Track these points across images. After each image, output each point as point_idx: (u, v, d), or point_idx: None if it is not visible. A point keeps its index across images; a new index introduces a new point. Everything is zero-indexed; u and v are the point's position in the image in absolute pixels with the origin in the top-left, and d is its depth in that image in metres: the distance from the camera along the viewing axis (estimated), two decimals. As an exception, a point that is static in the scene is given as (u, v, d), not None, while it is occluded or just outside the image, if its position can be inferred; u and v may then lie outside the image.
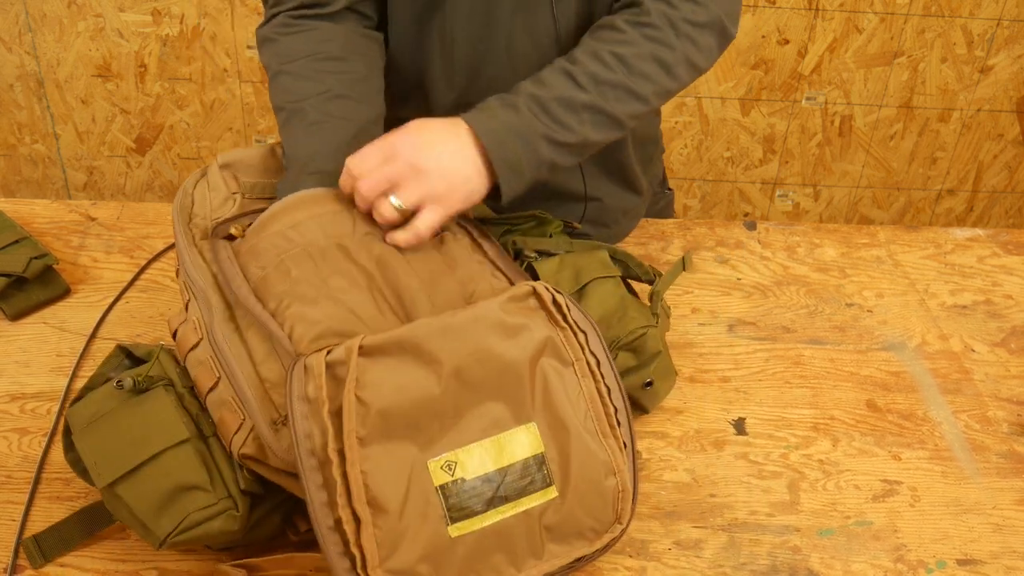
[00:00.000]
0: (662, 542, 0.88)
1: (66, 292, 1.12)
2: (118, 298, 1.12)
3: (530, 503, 0.75)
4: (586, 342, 0.80)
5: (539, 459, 0.76)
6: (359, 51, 1.01)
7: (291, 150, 0.95)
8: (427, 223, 0.86)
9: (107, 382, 0.84)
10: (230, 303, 0.84)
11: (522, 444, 0.76)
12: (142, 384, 0.82)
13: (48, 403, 0.98)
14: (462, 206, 0.88)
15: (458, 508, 0.73)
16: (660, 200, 1.33)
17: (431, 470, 0.73)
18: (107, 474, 0.78)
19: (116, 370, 0.87)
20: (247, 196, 0.94)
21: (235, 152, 0.97)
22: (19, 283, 1.09)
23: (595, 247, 1.03)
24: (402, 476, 0.72)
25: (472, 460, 0.74)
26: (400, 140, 0.86)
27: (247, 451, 0.77)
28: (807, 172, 2.51)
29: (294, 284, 0.80)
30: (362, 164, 0.86)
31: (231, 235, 0.89)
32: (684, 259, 1.12)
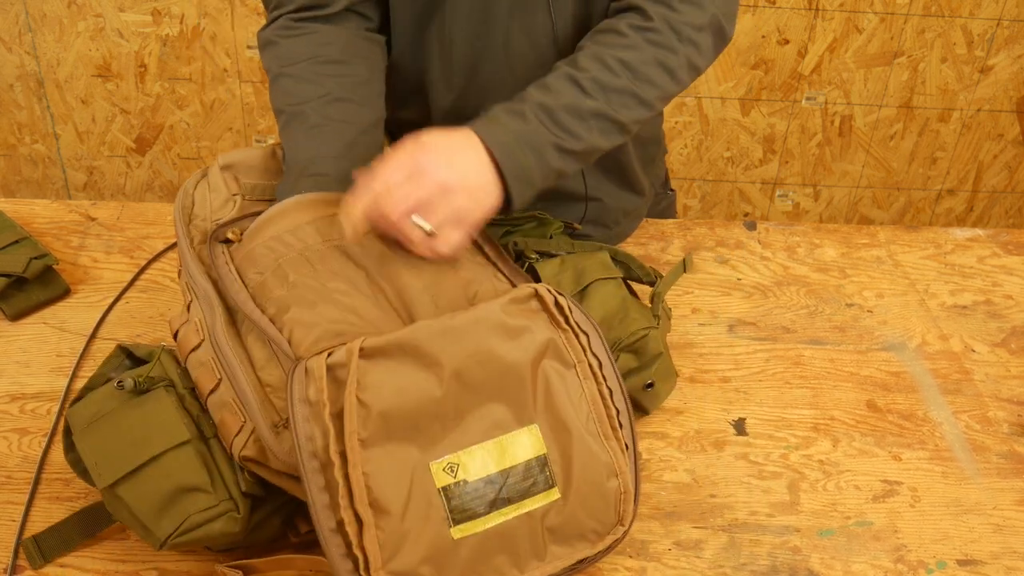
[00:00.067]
0: (662, 542, 0.88)
1: (66, 292, 1.12)
2: (118, 298, 1.12)
3: (532, 505, 0.75)
4: (588, 344, 0.80)
5: (541, 461, 0.76)
6: (360, 54, 1.01)
7: (291, 153, 0.95)
8: (451, 243, 0.83)
9: (108, 382, 0.84)
10: (230, 308, 0.84)
11: (524, 446, 0.76)
12: (143, 385, 0.82)
13: (48, 403, 0.98)
14: (483, 221, 0.86)
15: (460, 510, 0.73)
16: (662, 201, 1.32)
17: (433, 472, 0.73)
18: (108, 475, 0.78)
19: (117, 370, 0.87)
20: (247, 198, 0.94)
21: (236, 153, 0.97)
22: (19, 283, 1.09)
23: (596, 248, 1.03)
24: (404, 478, 0.72)
25: (474, 462, 0.74)
26: (424, 156, 0.82)
27: (248, 453, 0.77)
28: (807, 172, 2.51)
29: (292, 289, 0.80)
30: (386, 181, 0.82)
31: (228, 239, 0.89)
32: (685, 260, 1.12)
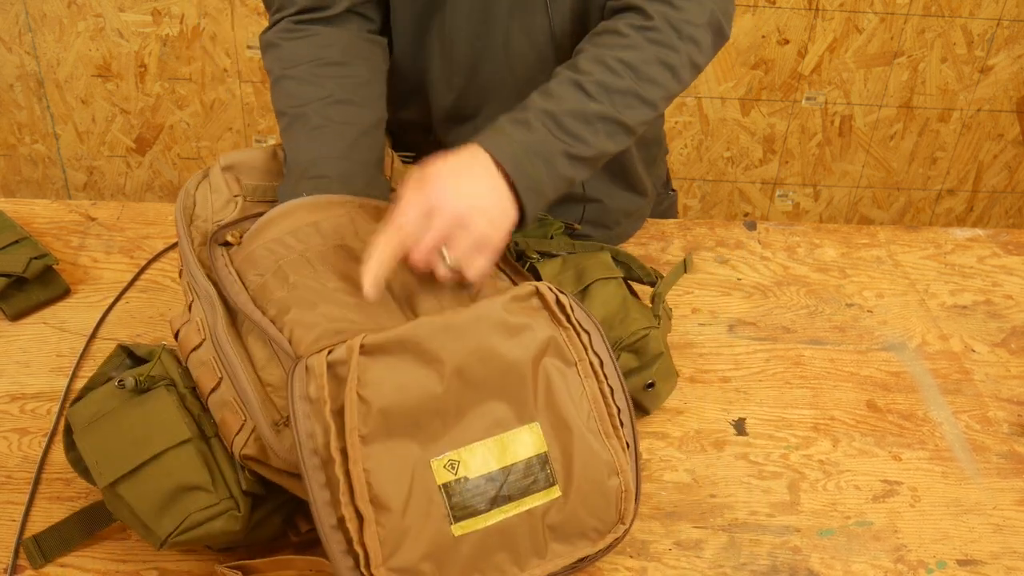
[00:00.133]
0: (662, 542, 0.88)
1: (66, 292, 1.12)
2: (118, 298, 1.12)
3: (533, 502, 0.76)
4: (589, 342, 0.80)
5: (542, 459, 0.76)
6: (361, 55, 1.01)
7: (292, 155, 0.95)
8: (477, 269, 0.83)
9: (108, 381, 0.84)
10: (230, 309, 0.84)
11: (525, 444, 0.76)
12: (144, 384, 0.82)
13: (48, 403, 0.98)
14: (504, 241, 0.85)
15: (461, 507, 0.73)
16: (663, 201, 1.32)
17: (434, 469, 0.73)
18: (108, 473, 0.78)
19: (117, 370, 0.87)
20: (249, 199, 0.94)
21: (237, 153, 0.97)
22: (19, 283, 1.09)
23: (597, 248, 1.03)
24: (404, 474, 0.72)
25: (475, 459, 0.74)
26: (435, 191, 0.80)
27: (249, 452, 0.77)
28: (807, 172, 2.51)
29: (292, 290, 0.80)
30: (402, 227, 0.80)
31: (227, 242, 0.88)
32: (686, 261, 1.12)
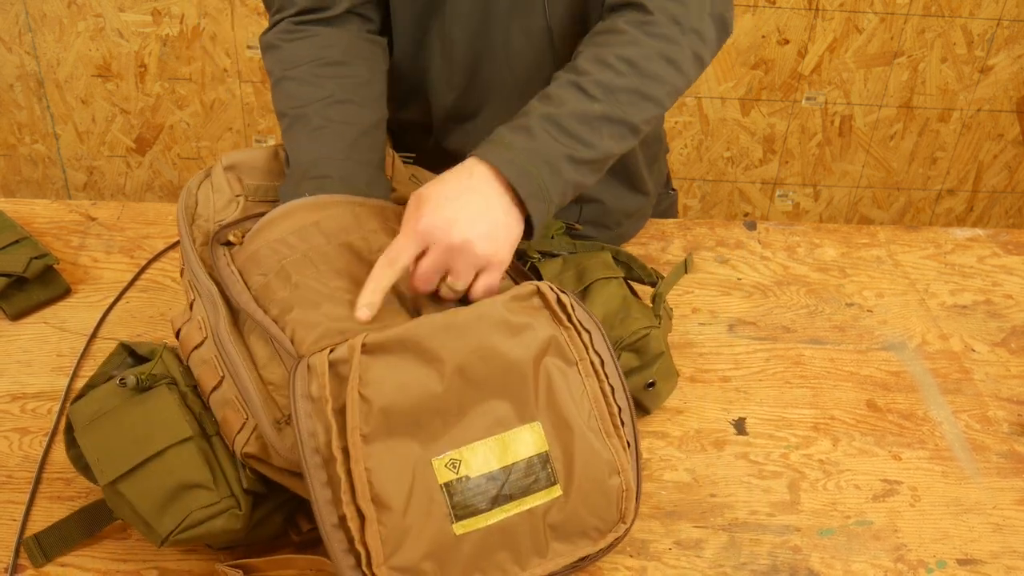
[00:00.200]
0: (662, 542, 0.88)
1: (66, 292, 1.12)
2: (118, 298, 1.12)
3: (534, 502, 0.76)
4: (590, 342, 0.80)
5: (543, 458, 0.76)
6: (361, 56, 1.01)
7: (294, 155, 0.95)
8: (487, 287, 0.82)
9: (110, 380, 0.84)
10: (232, 308, 0.84)
11: (526, 443, 0.76)
12: (145, 382, 0.82)
13: (49, 403, 0.98)
14: (512, 254, 0.83)
15: (462, 506, 0.73)
16: (664, 201, 1.32)
17: (435, 468, 0.73)
18: (110, 471, 0.78)
19: (119, 368, 0.87)
20: (251, 199, 0.94)
21: (239, 153, 0.97)
22: (19, 283, 1.09)
23: (598, 248, 1.03)
24: (406, 473, 0.72)
25: (476, 458, 0.74)
26: (426, 223, 0.79)
27: (250, 450, 0.77)
28: (807, 172, 2.51)
29: (294, 290, 0.80)
30: (398, 261, 0.79)
31: (229, 242, 0.89)
32: (686, 261, 1.12)
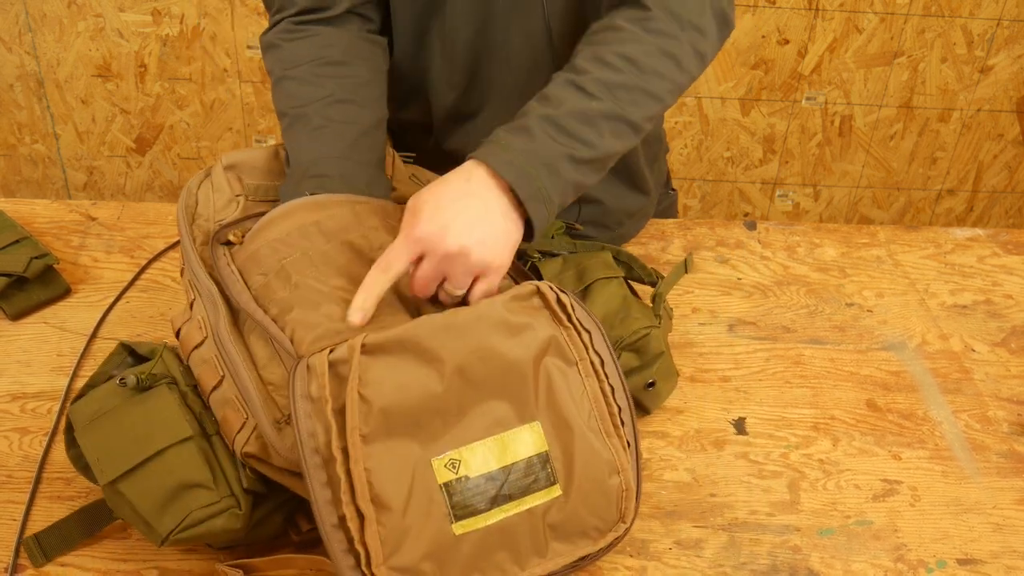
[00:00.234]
0: (662, 542, 0.88)
1: (66, 292, 1.12)
2: (119, 298, 1.12)
3: (534, 501, 0.76)
4: (590, 341, 0.80)
5: (543, 458, 0.76)
6: (361, 55, 1.01)
7: (294, 155, 0.95)
8: (487, 290, 0.81)
9: (110, 380, 0.84)
10: (232, 307, 0.84)
11: (526, 443, 0.76)
12: (145, 382, 0.82)
13: (49, 403, 0.98)
14: (511, 258, 0.82)
15: (462, 506, 0.73)
16: (664, 200, 1.32)
17: (435, 468, 0.73)
18: (110, 471, 0.78)
19: (119, 368, 0.87)
20: (251, 198, 0.94)
21: (239, 153, 0.97)
22: (20, 283, 1.09)
23: (599, 248, 1.03)
24: (405, 473, 0.72)
25: (476, 458, 0.74)
26: (422, 230, 0.78)
27: (250, 450, 0.77)
28: (807, 172, 2.51)
29: (294, 290, 0.80)
30: (394, 267, 0.78)
31: (229, 241, 0.89)
32: (686, 261, 1.12)
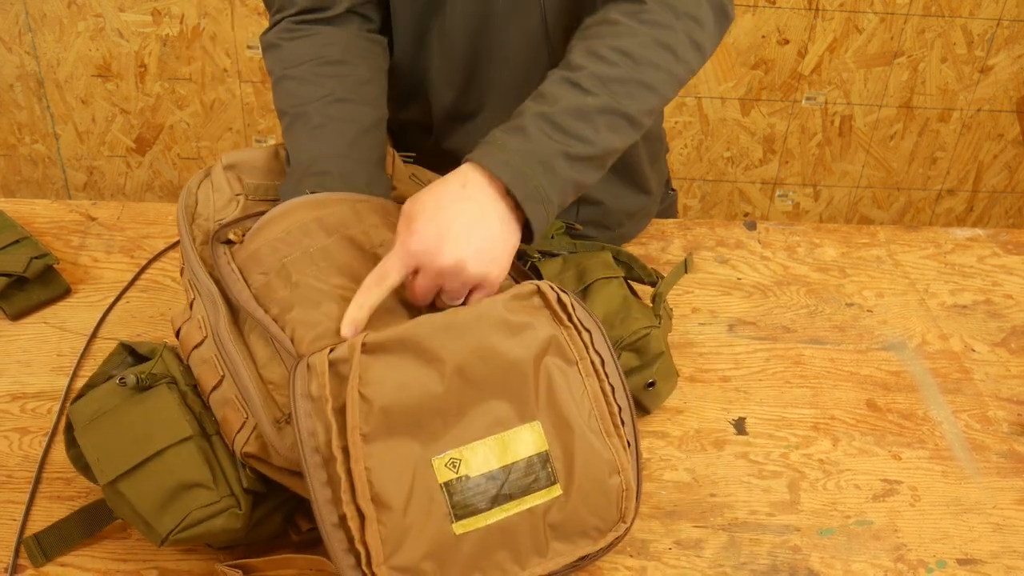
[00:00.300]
0: (662, 542, 0.88)
1: (66, 292, 1.12)
2: (119, 298, 1.12)
3: (534, 501, 0.76)
4: (591, 341, 0.80)
5: (543, 457, 0.76)
6: (361, 55, 1.02)
7: (294, 154, 0.95)
8: (487, 295, 0.80)
9: (110, 379, 0.84)
10: (232, 307, 0.84)
11: (526, 442, 0.76)
12: (145, 381, 0.82)
13: (49, 403, 0.98)
14: (509, 264, 0.81)
15: (462, 505, 0.73)
16: (664, 200, 1.32)
17: (435, 467, 0.73)
18: (110, 471, 0.78)
19: (119, 368, 0.87)
20: (251, 198, 0.94)
21: (239, 153, 0.97)
22: (20, 283, 1.09)
23: (599, 248, 1.03)
24: (406, 473, 0.72)
25: (476, 458, 0.74)
26: (416, 243, 0.77)
27: (250, 449, 0.77)
28: (807, 172, 2.51)
29: (295, 289, 0.80)
30: (389, 278, 0.77)
31: (230, 240, 0.89)
32: (686, 261, 1.12)
